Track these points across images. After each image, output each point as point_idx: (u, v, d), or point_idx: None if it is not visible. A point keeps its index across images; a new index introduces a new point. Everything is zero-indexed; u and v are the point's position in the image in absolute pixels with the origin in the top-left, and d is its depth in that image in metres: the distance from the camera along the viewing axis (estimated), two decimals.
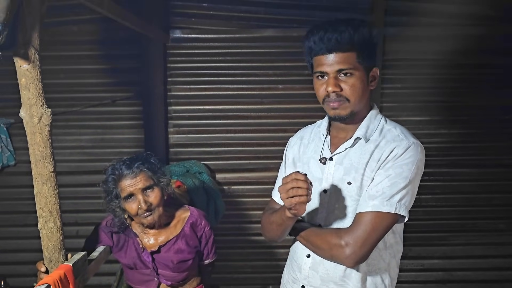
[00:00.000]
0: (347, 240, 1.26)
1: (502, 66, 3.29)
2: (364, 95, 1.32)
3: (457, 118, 3.37)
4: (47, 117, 1.31)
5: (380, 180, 1.28)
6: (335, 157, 1.39)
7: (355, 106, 1.31)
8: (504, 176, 3.40)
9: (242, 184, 3.47)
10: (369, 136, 1.35)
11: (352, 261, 1.26)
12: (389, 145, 1.30)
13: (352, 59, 1.27)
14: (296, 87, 3.36)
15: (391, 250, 1.41)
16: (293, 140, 1.61)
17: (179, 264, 1.82)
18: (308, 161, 1.46)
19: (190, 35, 3.32)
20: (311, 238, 1.37)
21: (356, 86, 1.28)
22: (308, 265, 1.43)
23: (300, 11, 3.29)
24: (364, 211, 1.27)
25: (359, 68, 1.28)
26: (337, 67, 1.27)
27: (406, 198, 1.27)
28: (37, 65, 1.27)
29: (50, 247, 1.43)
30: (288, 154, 1.59)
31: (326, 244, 1.31)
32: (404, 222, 1.33)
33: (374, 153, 1.32)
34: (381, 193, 1.26)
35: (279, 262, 3.53)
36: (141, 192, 1.67)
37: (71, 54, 3.25)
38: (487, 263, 3.50)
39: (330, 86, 1.27)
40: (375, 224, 1.25)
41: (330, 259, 1.34)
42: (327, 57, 1.27)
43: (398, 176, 1.26)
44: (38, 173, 1.34)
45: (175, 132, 3.43)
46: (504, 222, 3.46)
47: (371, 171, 1.31)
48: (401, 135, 1.33)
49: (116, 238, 1.82)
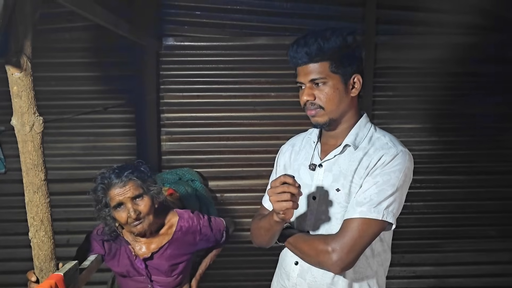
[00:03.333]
0: (333, 246, 1.26)
1: (492, 75, 3.33)
2: (341, 103, 1.34)
3: (447, 125, 3.40)
4: (39, 125, 1.31)
5: (368, 187, 1.29)
6: (324, 164, 1.41)
7: (332, 114, 1.34)
8: (494, 183, 3.43)
9: (234, 192, 3.47)
10: (358, 144, 1.37)
11: (338, 267, 1.27)
12: (378, 153, 1.32)
13: (324, 69, 1.30)
14: (288, 95, 3.37)
15: (379, 258, 1.42)
16: (284, 147, 1.62)
17: (172, 267, 1.81)
18: (299, 167, 1.48)
19: (183, 42, 3.33)
20: (299, 245, 1.37)
21: (329, 94, 1.32)
22: (296, 272, 1.44)
23: (293, 20, 3.32)
24: (351, 218, 1.28)
25: (333, 77, 1.31)
26: (310, 77, 1.32)
27: (393, 205, 1.28)
28: (29, 73, 1.27)
29: (41, 257, 1.41)
30: (279, 161, 1.61)
31: (313, 250, 1.31)
32: (391, 229, 1.34)
33: (363, 160, 1.33)
34: (368, 200, 1.27)
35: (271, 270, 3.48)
36: (131, 201, 1.66)
37: (63, 62, 3.23)
38: (479, 269, 3.52)
39: (304, 96, 1.34)
40: (362, 230, 1.26)
41: (317, 265, 1.34)
42: (301, 68, 1.34)
43: (385, 183, 1.27)
44: (29, 181, 1.34)
45: (167, 140, 3.42)
46: (494, 228, 3.48)
47: (360, 178, 1.32)
48: (390, 143, 1.35)
49: (108, 247, 1.80)
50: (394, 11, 3.28)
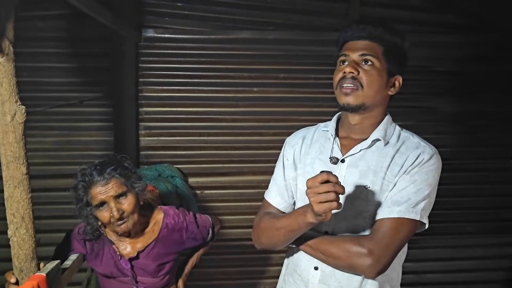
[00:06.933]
0: (370, 248, 1.19)
1: (472, 73, 3.39)
2: (379, 92, 1.30)
3: (429, 123, 3.43)
4: (21, 114, 1.22)
5: (405, 185, 1.24)
6: (347, 159, 1.32)
7: (367, 98, 1.28)
8: (472, 180, 3.49)
9: (215, 189, 3.39)
10: (388, 139, 1.32)
11: (375, 270, 1.20)
12: (414, 151, 1.28)
13: (378, 51, 1.29)
14: (271, 90, 3.32)
15: (400, 259, 1.37)
16: (293, 140, 1.49)
17: (159, 267, 1.73)
18: (312, 162, 1.38)
19: (163, 34, 3.22)
20: (323, 247, 1.26)
21: (373, 76, 1.27)
22: (316, 278, 1.32)
23: (276, 14, 3.27)
24: (388, 217, 1.22)
25: (382, 63, 1.29)
26: (361, 51, 1.29)
27: (428, 206, 1.25)
28: (11, 59, 1.18)
29: (21, 256, 1.31)
30: (287, 154, 1.47)
31: (344, 252, 1.22)
32: (422, 230, 1.30)
33: (395, 157, 1.28)
34: (406, 199, 1.22)
35: (253, 268, 3.47)
36: (114, 200, 1.57)
37: (36, 51, 3.05)
38: (456, 265, 3.57)
39: (348, 67, 1.27)
40: (399, 230, 1.21)
41: (348, 269, 1.25)
42: (354, 43, 1.31)
43: (423, 183, 1.24)
44: (9, 175, 1.24)
45: (146, 135, 3.30)
46: (472, 225, 3.54)
47: (393, 175, 1.26)
48: (422, 142, 1.32)
49: (90, 246, 1.71)
50: (377, 8, 3.29)
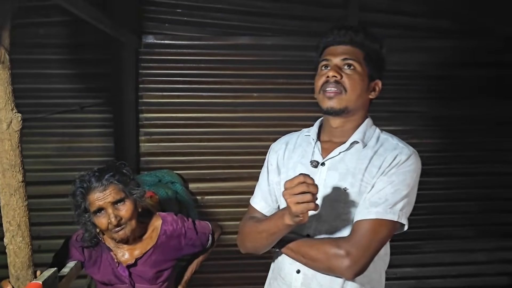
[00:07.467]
0: (347, 249, 1.19)
1: (471, 78, 3.39)
2: (361, 96, 1.32)
3: (427, 128, 3.43)
4: (17, 122, 1.22)
5: (382, 186, 1.24)
6: (327, 162, 1.34)
7: (350, 102, 1.30)
8: (471, 184, 3.48)
9: (215, 194, 3.40)
10: (367, 141, 1.33)
11: (353, 272, 1.20)
12: (391, 153, 1.28)
13: (359, 56, 1.32)
14: (270, 96, 3.34)
15: (382, 261, 1.37)
16: (277, 146, 1.52)
17: (157, 274, 1.73)
18: (295, 166, 1.39)
19: (163, 41, 3.25)
20: (303, 249, 1.28)
21: (356, 80, 1.30)
22: (299, 281, 1.33)
23: (275, 20, 3.29)
24: (366, 219, 1.22)
25: (363, 68, 1.32)
26: (344, 56, 1.32)
27: (407, 207, 1.25)
28: (6, 66, 1.19)
29: (17, 264, 1.32)
30: (271, 159, 1.50)
31: (323, 254, 1.22)
32: (401, 232, 1.30)
33: (373, 158, 1.29)
34: (384, 200, 1.22)
35: (252, 274, 3.44)
36: (111, 206, 1.57)
37: (37, 58, 3.09)
38: (457, 270, 3.56)
39: (331, 71, 1.30)
40: (377, 232, 1.21)
41: (327, 271, 1.26)
42: (336, 47, 1.34)
43: (401, 183, 1.24)
44: (5, 183, 1.25)
45: (146, 141, 3.32)
46: (471, 229, 3.54)
47: (371, 177, 1.26)
48: (400, 143, 1.32)
49: (88, 253, 1.71)
50: (375, 14, 3.30)
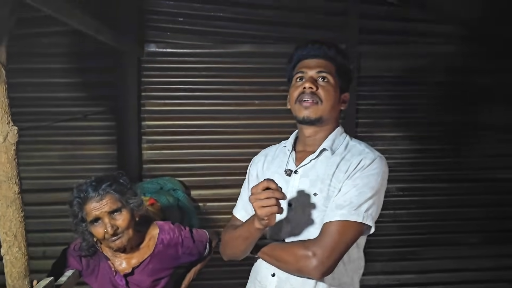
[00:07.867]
0: (314, 250, 1.25)
1: (472, 84, 3.38)
2: (334, 106, 1.40)
3: (430, 134, 3.43)
4: (13, 135, 1.25)
5: (347, 189, 1.30)
6: (300, 170, 1.41)
7: (325, 112, 1.38)
8: (474, 190, 3.47)
9: (217, 201, 3.40)
10: (335, 149, 1.40)
11: (319, 272, 1.25)
12: (356, 157, 1.35)
13: (332, 69, 1.41)
14: (272, 103, 3.34)
15: (354, 265, 1.41)
16: (257, 158, 1.62)
17: (154, 283, 1.75)
18: (272, 175, 1.45)
19: (165, 49, 3.27)
20: (276, 253, 1.35)
21: (330, 91, 1.38)
22: (273, 284, 1.39)
23: (275, 28, 3.30)
24: (332, 221, 1.27)
25: (335, 81, 1.41)
26: (318, 69, 1.40)
27: (372, 209, 1.29)
28: (3, 81, 1.21)
29: (14, 274, 1.34)
30: (251, 171, 1.60)
31: (292, 256, 1.29)
32: (369, 233, 1.34)
33: (340, 164, 1.35)
34: (348, 203, 1.27)
35: None
36: (108, 216, 1.60)
37: (41, 67, 3.13)
38: (461, 276, 3.53)
39: (307, 83, 1.37)
40: (343, 233, 1.26)
41: (297, 272, 1.32)
42: (310, 61, 1.42)
43: (365, 186, 1.29)
44: (2, 195, 1.27)
45: (148, 148, 3.34)
46: (475, 235, 3.51)
47: (338, 181, 1.33)
48: (367, 149, 1.39)
49: (86, 262, 1.73)
50: (375, 21, 3.31)
